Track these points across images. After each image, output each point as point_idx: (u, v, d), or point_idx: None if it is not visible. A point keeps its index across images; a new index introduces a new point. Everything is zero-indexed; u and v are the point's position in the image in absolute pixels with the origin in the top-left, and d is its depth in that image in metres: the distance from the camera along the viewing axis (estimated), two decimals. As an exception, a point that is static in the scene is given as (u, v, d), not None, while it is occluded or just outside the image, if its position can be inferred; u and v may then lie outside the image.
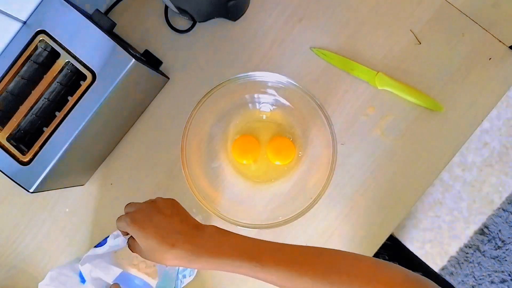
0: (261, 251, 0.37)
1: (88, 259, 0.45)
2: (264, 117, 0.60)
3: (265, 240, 0.39)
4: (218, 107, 0.56)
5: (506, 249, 1.30)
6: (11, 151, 0.49)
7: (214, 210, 0.52)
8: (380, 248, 0.60)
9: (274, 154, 0.58)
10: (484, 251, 1.31)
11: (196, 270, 0.60)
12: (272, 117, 0.60)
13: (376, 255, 0.62)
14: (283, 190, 0.60)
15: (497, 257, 1.30)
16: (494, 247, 1.30)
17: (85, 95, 0.49)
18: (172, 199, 0.45)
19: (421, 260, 0.69)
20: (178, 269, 0.55)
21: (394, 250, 0.71)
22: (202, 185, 0.56)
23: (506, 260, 1.30)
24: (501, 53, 0.59)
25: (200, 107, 0.52)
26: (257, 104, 0.59)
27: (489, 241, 1.31)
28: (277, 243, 0.38)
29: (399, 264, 0.60)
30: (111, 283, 0.45)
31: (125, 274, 0.48)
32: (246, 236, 0.39)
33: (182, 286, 0.57)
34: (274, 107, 0.59)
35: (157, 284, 0.49)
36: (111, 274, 0.45)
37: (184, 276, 0.56)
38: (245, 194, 0.60)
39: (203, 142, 0.59)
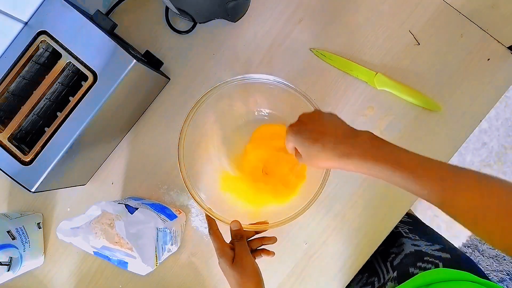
0: (416, 164, 0.38)
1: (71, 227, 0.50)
2: (262, 118, 0.60)
3: (415, 153, 0.39)
4: (217, 108, 0.57)
5: (505, 249, 1.30)
6: (12, 151, 0.49)
7: (210, 211, 0.52)
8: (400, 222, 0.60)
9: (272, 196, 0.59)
10: (482, 251, 1.31)
11: (179, 241, 0.60)
12: (270, 118, 0.60)
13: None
14: (282, 189, 0.60)
15: (495, 256, 1.31)
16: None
17: (86, 95, 0.49)
18: (330, 113, 0.47)
19: (440, 235, 0.67)
20: (157, 235, 0.53)
21: (412, 225, 0.71)
22: (202, 185, 0.56)
23: (504, 260, 1.31)
24: (500, 53, 0.59)
25: (198, 108, 0.52)
26: (255, 105, 0.59)
27: (487, 240, 1.31)
28: (427, 157, 0.38)
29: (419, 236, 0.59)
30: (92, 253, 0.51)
31: (107, 248, 0.51)
32: (398, 147, 0.40)
33: (164, 255, 0.55)
34: (272, 108, 0.59)
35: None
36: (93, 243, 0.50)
37: (165, 243, 0.55)
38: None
39: (202, 142, 0.59)
